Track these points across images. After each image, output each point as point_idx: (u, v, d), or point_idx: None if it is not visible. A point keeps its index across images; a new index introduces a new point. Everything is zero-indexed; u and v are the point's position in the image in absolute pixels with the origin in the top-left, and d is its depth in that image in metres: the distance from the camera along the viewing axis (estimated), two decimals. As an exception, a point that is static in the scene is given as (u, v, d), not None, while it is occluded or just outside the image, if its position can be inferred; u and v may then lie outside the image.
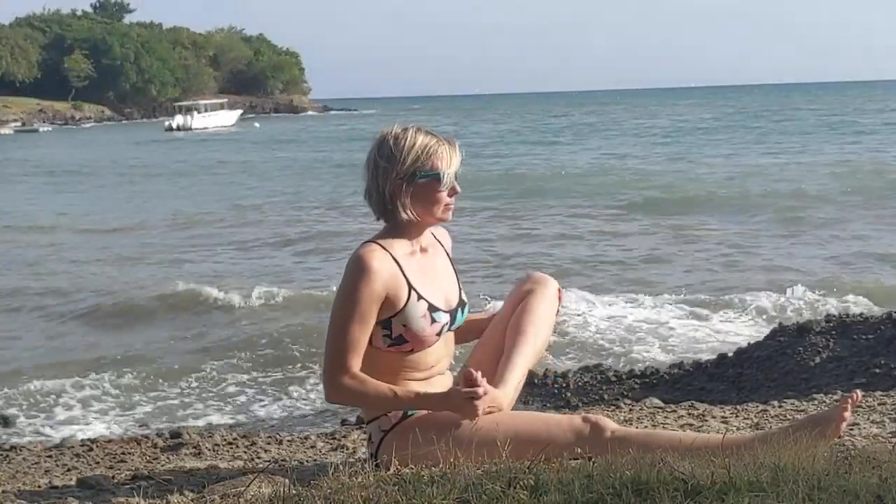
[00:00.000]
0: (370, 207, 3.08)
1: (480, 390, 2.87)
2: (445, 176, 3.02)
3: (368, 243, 3.03)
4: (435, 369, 3.10)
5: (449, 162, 3.03)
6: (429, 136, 3.04)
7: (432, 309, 3.03)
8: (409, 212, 3.01)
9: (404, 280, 2.99)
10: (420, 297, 3.01)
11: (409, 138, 3.01)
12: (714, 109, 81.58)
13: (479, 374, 2.90)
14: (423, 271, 3.06)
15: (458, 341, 3.28)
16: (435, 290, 3.07)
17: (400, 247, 3.04)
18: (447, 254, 3.22)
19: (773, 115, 65.62)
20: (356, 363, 2.97)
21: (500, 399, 2.98)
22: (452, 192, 3.06)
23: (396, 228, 3.06)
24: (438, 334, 3.06)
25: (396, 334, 3.01)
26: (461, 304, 3.16)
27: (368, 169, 3.04)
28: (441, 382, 3.11)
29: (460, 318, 3.16)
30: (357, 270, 2.95)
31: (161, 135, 68.98)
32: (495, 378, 3.03)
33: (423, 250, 3.11)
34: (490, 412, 2.93)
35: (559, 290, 3.28)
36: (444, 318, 3.06)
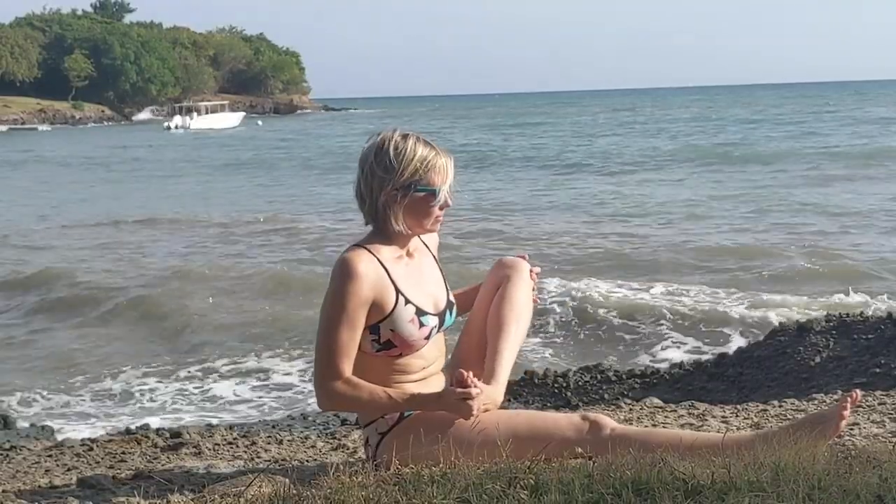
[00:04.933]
0: (360, 209, 3.06)
1: (474, 391, 2.87)
2: (440, 191, 3.01)
3: (355, 247, 3.01)
4: (427, 370, 3.10)
5: (445, 176, 3.02)
6: (428, 147, 3.01)
7: (420, 313, 3.02)
8: (400, 223, 3.00)
9: (391, 284, 2.98)
10: (408, 301, 3.00)
11: (408, 150, 2.97)
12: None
13: (470, 375, 2.90)
14: (410, 275, 3.05)
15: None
16: (423, 293, 3.06)
17: (387, 251, 3.02)
18: (433, 255, 3.21)
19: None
20: (347, 368, 2.95)
21: (494, 395, 2.99)
22: (444, 206, 3.05)
23: (384, 234, 3.04)
24: (427, 338, 3.05)
25: (385, 339, 3.00)
26: (449, 305, 3.15)
27: (363, 171, 3.01)
28: (437, 382, 3.11)
29: (449, 320, 3.16)
30: (344, 274, 2.93)
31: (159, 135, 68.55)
32: (484, 374, 3.03)
33: (409, 254, 3.10)
34: (486, 410, 2.94)
35: (532, 272, 3.27)
36: (432, 322, 3.05)
